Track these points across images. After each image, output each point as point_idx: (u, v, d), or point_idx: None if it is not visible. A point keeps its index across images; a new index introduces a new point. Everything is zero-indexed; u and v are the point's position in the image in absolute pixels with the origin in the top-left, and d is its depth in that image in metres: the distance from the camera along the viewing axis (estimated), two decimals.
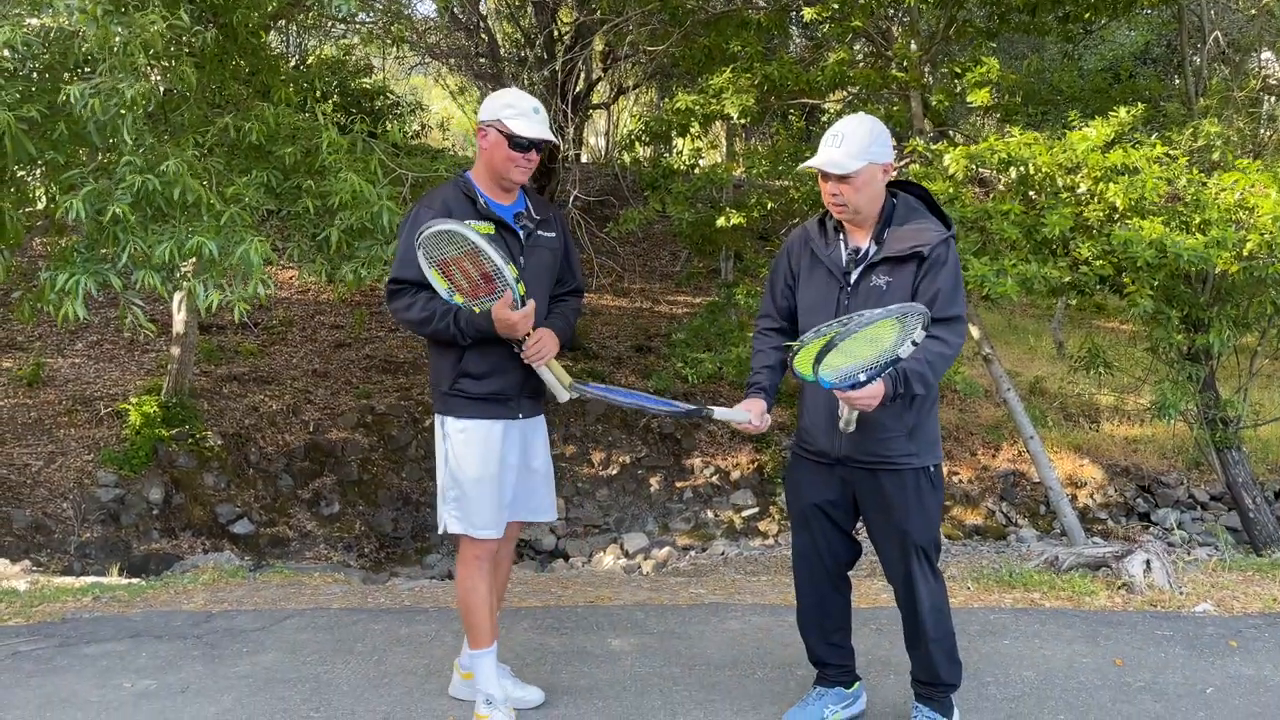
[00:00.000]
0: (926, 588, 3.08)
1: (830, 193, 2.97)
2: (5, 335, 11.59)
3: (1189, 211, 6.38)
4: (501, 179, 3.16)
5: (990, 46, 8.79)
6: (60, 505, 8.81)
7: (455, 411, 3.18)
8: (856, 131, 2.92)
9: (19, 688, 3.58)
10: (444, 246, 2.97)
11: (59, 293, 4.46)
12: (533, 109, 3.11)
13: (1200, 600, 4.78)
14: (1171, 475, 11.92)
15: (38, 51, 4.63)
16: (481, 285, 3.02)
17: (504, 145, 3.10)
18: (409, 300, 3.10)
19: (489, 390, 3.16)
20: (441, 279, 3.04)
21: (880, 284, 2.95)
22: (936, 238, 2.93)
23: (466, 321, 3.04)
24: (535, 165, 3.19)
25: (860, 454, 3.03)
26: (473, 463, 3.16)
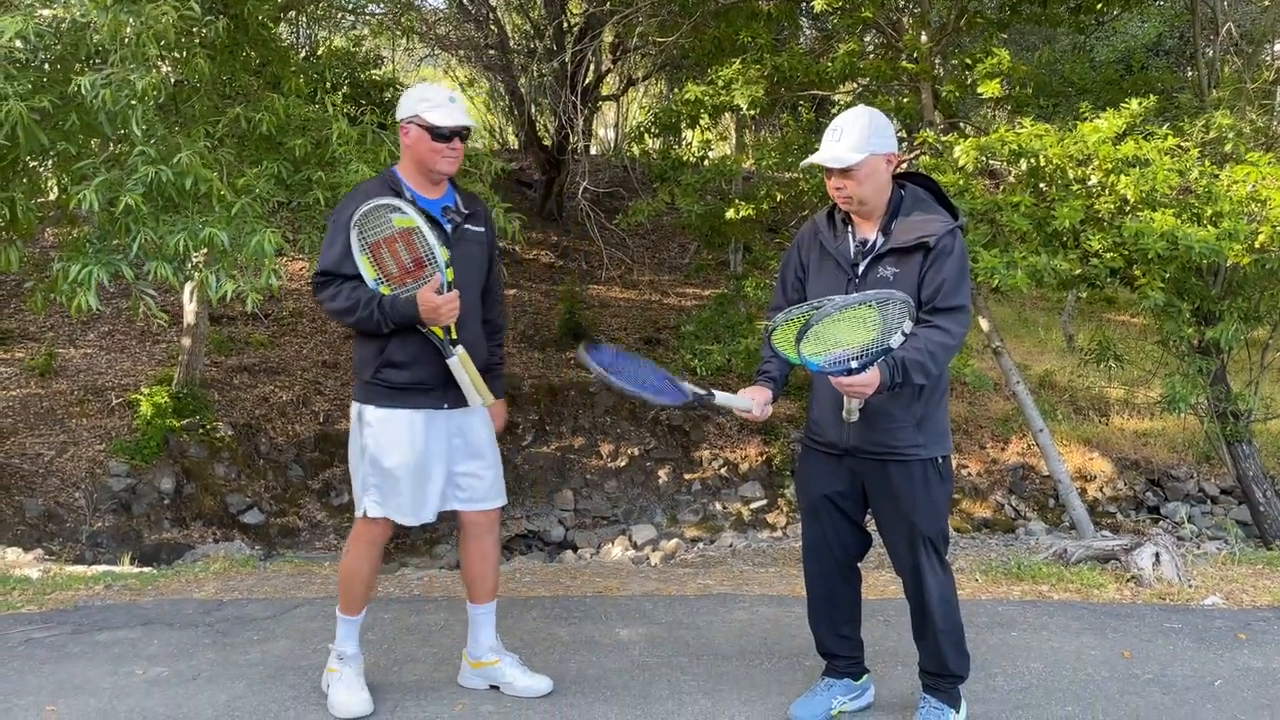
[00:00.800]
0: (934, 579, 3.08)
1: (834, 186, 2.98)
2: (18, 325, 11.65)
3: (1201, 204, 6.35)
4: (430, 172, 3.20)
5: (1001, 38, 8.76)
6: (72, 494, 8.86)
7: (376, 400, 3.20)
8: (856, 124, 2.94)
9: (32, 674, 3.62)
10: (381, 225, 3.04)
11: (72, 283, 4.48)
12: (448, 99, 3.16)
13: (1209, 593, 4.78)
14: (1181, 469, 11.89)
15: (49, 42, 4.64)
16: (411, 270, 3.09)
17: (426, 138, 3.14)
18: (334, 290, 3.14)
19: (412, 379, 3.18)
20: (370, 266, 3.10)
21: (887, 275, 2.95)
22: (943, 228, 2.93)
23: (390, 306, 3.08)
24: (460, 154, 3.23)
25: (868, 444, 3.03)
26: (394, 451, 3.18)
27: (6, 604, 4.55)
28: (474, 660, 3.48)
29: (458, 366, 3.16)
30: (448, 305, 3.07)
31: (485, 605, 3.45)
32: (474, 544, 3.43)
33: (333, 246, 3.15)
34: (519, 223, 5.97)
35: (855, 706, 3.36)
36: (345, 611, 3.35)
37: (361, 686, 3.31)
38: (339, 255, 3.13)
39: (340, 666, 3.34)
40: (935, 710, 3.17)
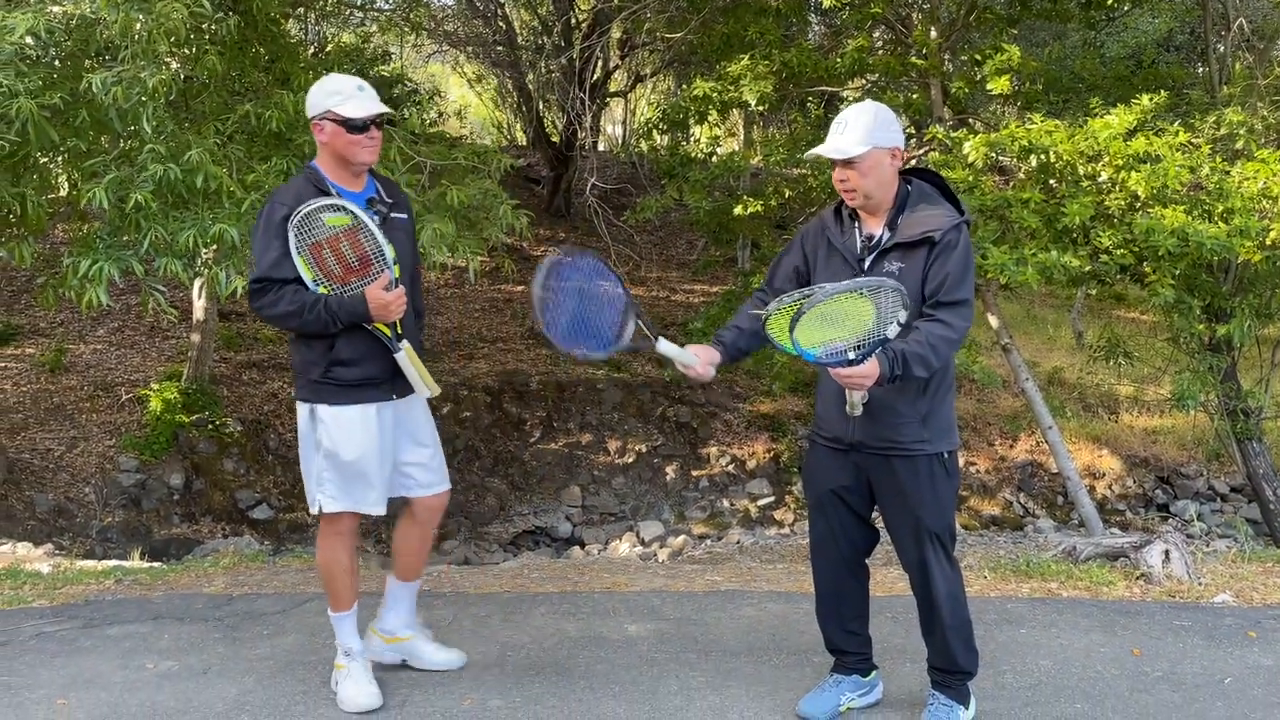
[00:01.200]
0: (941, 574, 3.07)
1: (839, 179, 2.99)
2: (28, 321, 11.70)
3: (1211, 200, 6.33)
4: (350, 165, 3.16)
5: (1011, 33, 8.73)
6: (82, 490, 8.91)
7: (328, 398, 3.20)
8: (860, 117, 2.95)
9: (44, 668, 3.63)
10: (321, 226, 3.01)
11: (82, 278, 4.51)
12: (357, 88, 3.12)
13: (1219, 591, 4.76)
14: (1191, 466, 11.85)
15: (60, 39, 4.66)
16: (355, 268, 3.08)
17: (342, 132, 3.10)
18: (275, 295, 3.07)
19: (363, 375, 3.19)
20: (308, 267, 3.06)
21: (893, 269, 2.95)
22: (948, 223, 2.92)
23: (339, 306, 3.06)
24: (378, 143, 3.20)
25: (873, 440, 3.03)
26: (352, 445, 3.21)
27: (18, 598, 4.57)
28: (388, 635, 3.55)
29: (405, 360, 3.19)
30: (397, 301, 3.09)
31: (410, 584, 3.56)
32: (419, 528, 3.50)
33: (268, 251, 3.08)
34: (527, 219, 5.97)
35: (864, 703, 3.36)
36: (336, 609, 3.38)
37: (370, 680, 3.32)
38: (276, 259, 3.07)
39: (347, 663, 3.35)
40: (944, 707, 3.16)
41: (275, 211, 3.09)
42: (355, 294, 3.08)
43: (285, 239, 3.06)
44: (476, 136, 18.89)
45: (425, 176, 6.00)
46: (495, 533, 10.29)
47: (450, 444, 10.93)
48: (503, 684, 3.52)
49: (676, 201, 9.09)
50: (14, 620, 4.20)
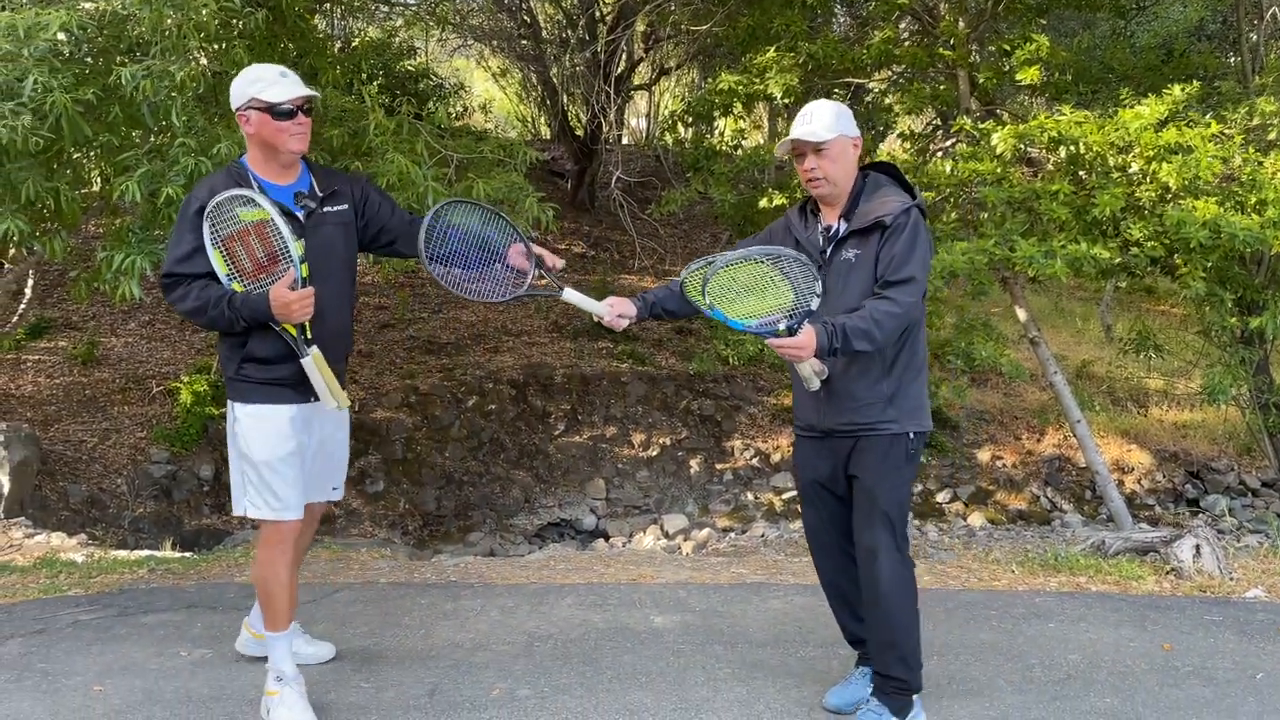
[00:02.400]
0: (890, 564, 3.01)
1: (807, 168, 3.08)
2: (61, 315, 11.86)
3: (1244, 191, 6.24)
4: (279, 154, 3.06)
5: (1040, 23, 8.64)
6: (115, 481, 9.02)
7: (244, 397, 3.11)
8: (824, 109, 3.09)
9: (80, 655, 3.70)
10: (233, 219, 2.93)
11: (115, 272, 4.56)
12: (279, 74, 3.02)
13: (1251, 586, 4.71)
14: (1222, 461, 11.70)
15: (92, 35, 4.71)
16: (265, 265, 2.97)
17: (268, 120, 2.99)
18: (184, 290, 3.00)
19: (275, 375, 3.08)
20: (223, 262, 2.98)
21: (850, 257, 3.05)
22: (898, 207, 3.00)
23: (242, 304, 2.95)
24: (307, 129, 3.08)
25: (841, 425, 3.08)
26: (265, 446, 3.09)
27: (54, 587, 4.65)
28: (256, 631, 3.50)
29: (311, 367, 3.04)
30: (300, 302, 2.94)
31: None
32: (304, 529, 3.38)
33: (179, 245, 3.01)
34: (552, 212, 5.99)
35: None
36: (272, 628, 3.18)
37: (305, 708, 3.13)
38: (186, 254, 2.99)
39: (280, 688, 3.15)
40: (874, 713, 3.07)
41: (190, 205, 3.01)
42: (261, 292, 2.96)
43: (199, 233, 2.97)
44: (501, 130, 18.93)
45: (452, 170, 6.03)
46: (520, 525, 10.34)
47: (475, 436, 10.98)
48: (530, 674, 3.55)
49: (701, 195, 9.07)
50: (51, 609, 4.27)
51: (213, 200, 2.94)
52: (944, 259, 6.16)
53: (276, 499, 3.11)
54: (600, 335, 13.21)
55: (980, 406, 12.37)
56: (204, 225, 2.96)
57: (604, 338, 13.24)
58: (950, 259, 6.14)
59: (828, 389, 3.06)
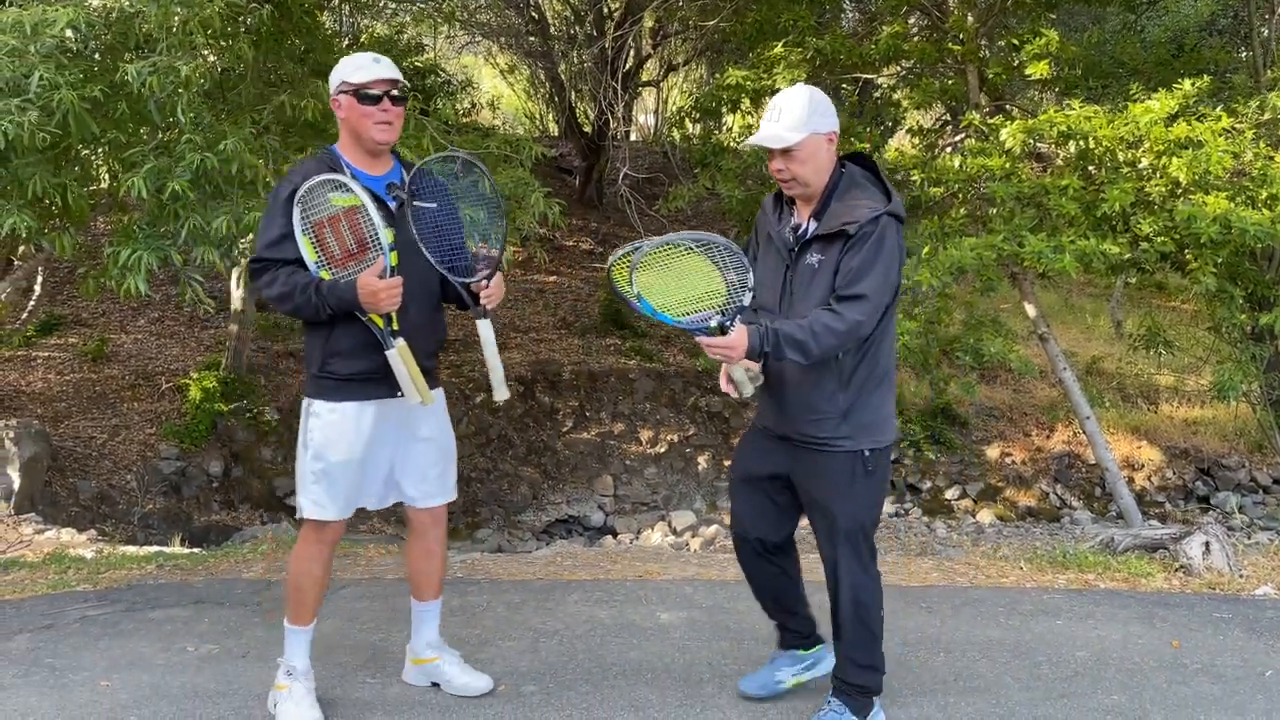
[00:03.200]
0: (849, 578, 2.96)
1: (775, 168, 2.90)
2: (71, 312, 11.91)
3: (1255, 186, 6.21)
4: (367, 143, 3.00)
5: (1049, 18, 8.60)
6: (124, 477, 9.06)
7: (324, 394, 3.03)
8: (795, 103, 2.85)
9: (88, 650, 3.71)
10: (323, 203, 2.88)
11: (122, 268, 4.56)
12: (372, 59, 2.97)
13: (1261, 583, 4.69)
14: (1232, 458, 11.65)
15: (99, 32, 4.72)
16: (354, 253, 2.92)
17: (355, 104, 2.94)
18: (271, 275, 2.95)
19: (359, 369, 2.99)
20: (312, 248, 2.93)
21: (813, 262, 2.88)
22: (867, 215, 2.80)
23: (329, 291, 2.88)
24: (397, 119, 3.01)
25: (794, 433, 2.98)
26: (334, 446, 3.01)
27: (63, 582, 4.67)
28: (414, 657, 3.40)
29: (396, 360, 2.93)
30: (388, 291, 2.85)
31: (426, 604, 3.35)
32: (416, 541, 3.31)
33: (269, 229, 2.97)
34: (559, 208, 5.98)
35: (810, 676, 3.33)
36: (295, 622, 3.14)
37: (313, 704, 3.09)
38: (275, 238, 2.95)
39: (289, 682, 3.11)
40: (834, 713, 3.04)
41: (281, 190, 2.97)
42: (349, 280, 2.89)
43: (289, 218, 2.93)
44: (509, 127, 18.94)
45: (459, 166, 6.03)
46: (528, 521, 10.35)
47: (484, 433, 11.00)
48: (536, 670, 3.55)
49: (709, 190, 9.06)
50: (59, 604, 4.28)
51: (305, 184, 2.89)
52: (952, 255, 6.14)
53: (326, 498, 3.04)
54: (609, 332, 13.20)
55: (989, 403, 12.33)
56: (295, 210, 2.91)
57: (613, 334, 13.24)
58: (959, 255, 6.11)
59: (782, 396, 2.96)
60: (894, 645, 3.82)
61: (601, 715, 3.19)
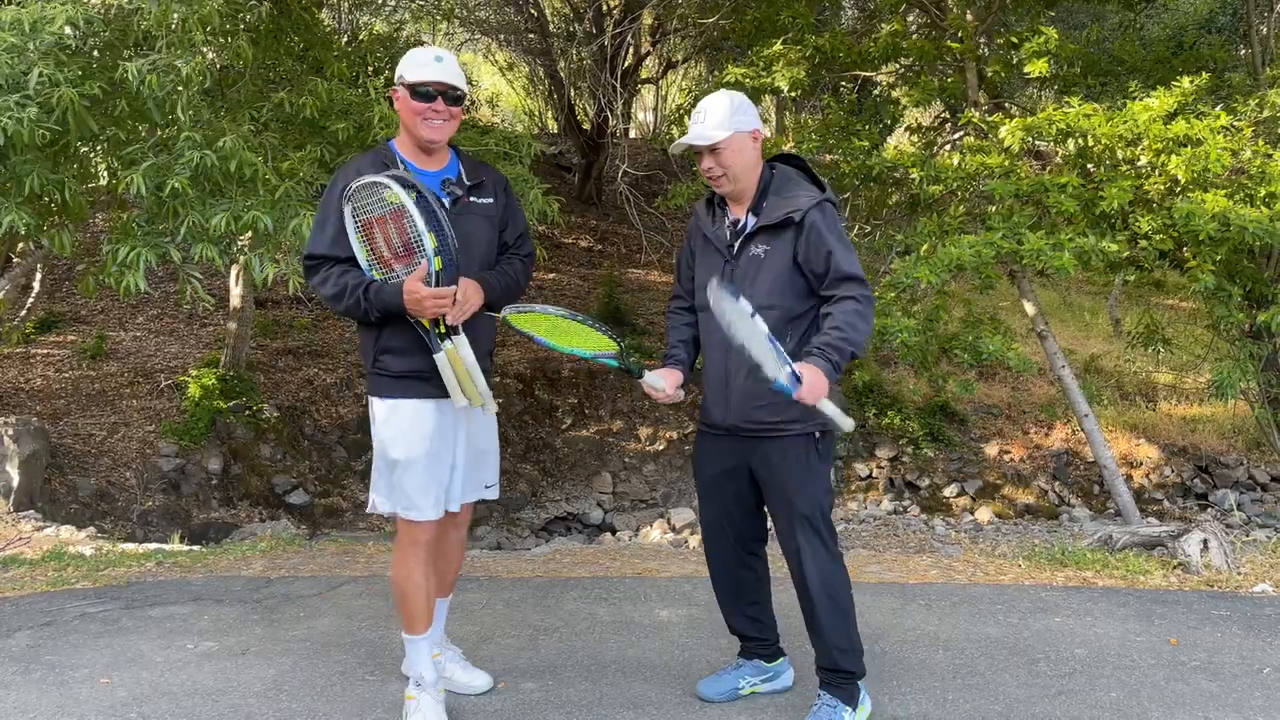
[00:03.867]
0: (815, 563, 2.99)
1: (706, 167, 3.04)
2: (70, 309, 11.90)
3: (1254, 184, 6.21)
4: (417, 139, 2.96)
5: (1048, 15, 8.59)
6: (123, 474, 9.06)
7: (380, 391, 3.01)
8: (718, 105, 3.00)
9: (87, 647, 3.71)
10: (371, 202, 2.84)
11: (120, 265, 4.56)
12: (434, 58, 2.92)
13: (1259, 580, 4.69)
14: (1231, 455, 11.65)
15: (99, 29, 4.73)
16: (400, 255, 2.86)
17: (408, 99, 2.91)
18: (324, 275, 2.92)
19: (411, 367, 2.95)
20: (364, 248, 2.90)
21: (759, 253, 2.99)
22: (808, 201, 2.95)
23: (375, 294, 2.85)
24: (451, 119, 2.96)
25: (744, 423, 3.03)
26: (400, 443, 2.97)
27: (62, 580, 4.67)
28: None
29: (443, 363, 2.88)
30: (433, 300, 2.80)
31: (438, 600, 3.29)
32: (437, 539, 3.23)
33: (323, 228, 2.94)
34: (558, 206, 5.98)
35: (768, 688, 3.34)
36: (410, 631, 3.08)
37: (440, 716, 3.05)
38: (329, 238, 2.92)
39: (418, 694, 3.08)
40: (829, 708, 3.06)
41: (335, 186, 2.94)
42: (395, 284, 2.84)
43: (341, 215, 2.90)
44: (508, 124, 18.92)
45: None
46: (527, 519, 10.35)
47: None
48: (535, 667, 3.55)
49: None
50: (58, 601, 4.29)
51: (355, 182, 2.85)
52: (951, 253, 6.14)
53: (407, 498, 2.99)
54: None
55: (988, 401, 12.33)
56: (345, 208, 2.88)
57: None
58: (957, 252, 6.11)
59: (727, 387, 3.03)
60: (892, 642, 3.83)
61: (600, 712, 3.20)
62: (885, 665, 3.59)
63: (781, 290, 2.96)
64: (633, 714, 3.19)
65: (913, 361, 7.75)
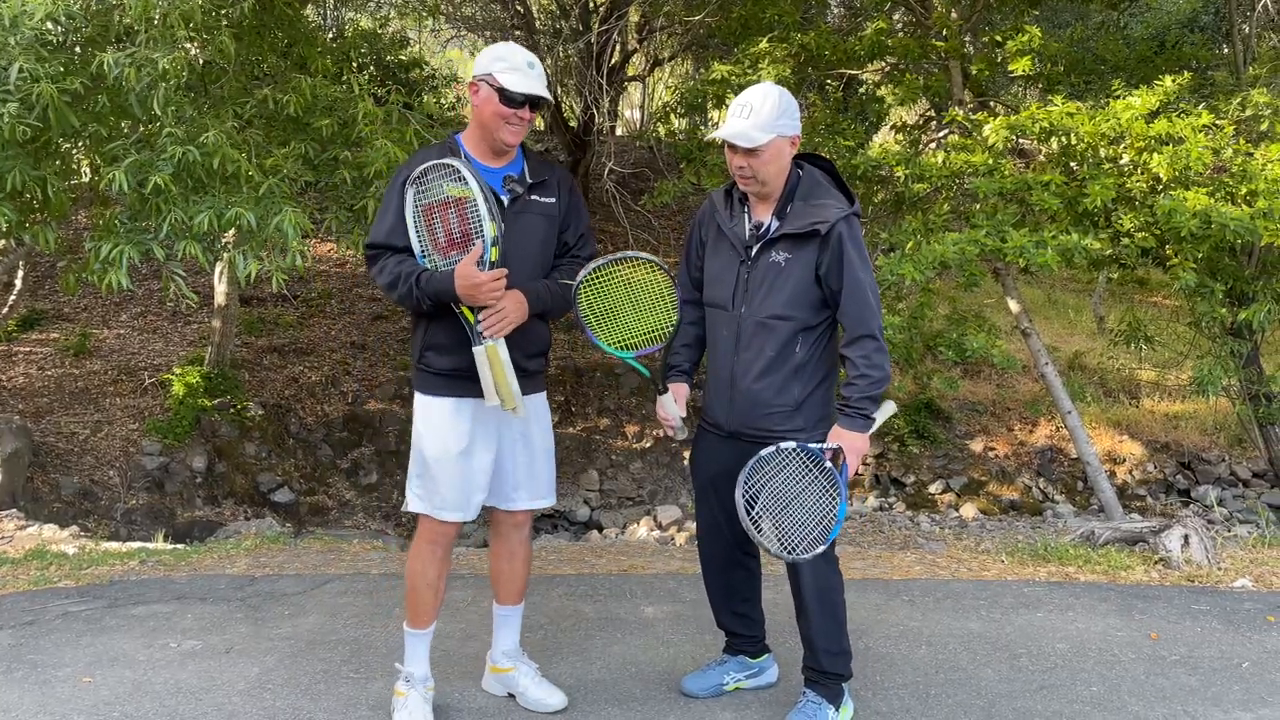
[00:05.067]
0: (811, 568, 2.98)
1: (737, 165, 2.92)
2: (52, 306, 11.83)
3: (1235, 182, 6.26)
4: (493, 139, 2.93)
5: (1032, 14, 8.64)
6: (107, 473, 9.01)
7: (424, 387, 3.00)
8: (765, 103, 2.87)
9: (70, 646, 3.69)
10: (439, 186, 2.82)
11: (103, 262, 4.54)
12: (527, 64, 2.89)
13: (1239, 575, 4.74)
14: (1213, 452, 11.75)
15: (80, 24, 4.69)
16: (458, 242, 2.84)
17: (494, 100, 2.87)
18: (382, 263, 2.92)
19: (453, 365, 2.93)
20: (421, 233, 2.88)
21: (779, 260, 2.92)
22: (837, 214, 2.87)
23: (427, 280, 2.83)
24: (528, 126, 2.94)
25: (748, 429, 3.00)
26: (435, 441, 2.96)
27: (44, 579, 4.65)
28: (492, 664, 3.33)
29: (481, 358, 2.82)
30: (490, 284, 2.76)
31: (506, 607, 3.26)
32: (498, 542, 3.24)
33: (384, 216, 2.94)
34: None
35: (753, 684, 3.36)
36: (412, 624, 3.09)
37: (426, 715, 3.03)
38: (389, 227, 2.92)
39: (406, 689, 3.07)
40: (813, 704, 3.06)
41: (399, 176, 2.94)
42: (447, 269, 2.81)
43: (400, 204, 2.89)
44: None
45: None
46: None
47: None
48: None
49: (694, 185, 9.06)
50: (40, 600, 4.27)
51: (422, 166, 2.85)
52: (935, 250, 6.16)
53: (437, 496, 2.98)
54: None
55: (973, 398, 12.39)
56: (408, 191, 2.86)
57: None
58: (942, 250, 6.14)
59: (732, 393, 3.00)
60: (876, 638, 3.85)
61: (585, 708, 3.20)
62: (869, 660, 3.61)
63: (799, 302, 2.91)
64: (618, 710, 3.20)
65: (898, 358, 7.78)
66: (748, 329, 2.96)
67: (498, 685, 3.31)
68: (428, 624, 3.09)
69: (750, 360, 2.94)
